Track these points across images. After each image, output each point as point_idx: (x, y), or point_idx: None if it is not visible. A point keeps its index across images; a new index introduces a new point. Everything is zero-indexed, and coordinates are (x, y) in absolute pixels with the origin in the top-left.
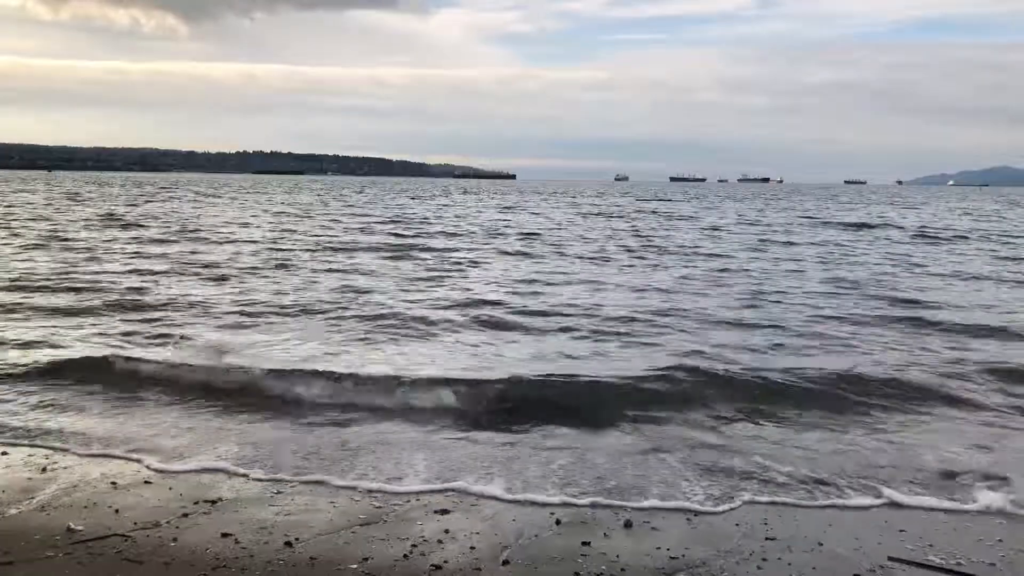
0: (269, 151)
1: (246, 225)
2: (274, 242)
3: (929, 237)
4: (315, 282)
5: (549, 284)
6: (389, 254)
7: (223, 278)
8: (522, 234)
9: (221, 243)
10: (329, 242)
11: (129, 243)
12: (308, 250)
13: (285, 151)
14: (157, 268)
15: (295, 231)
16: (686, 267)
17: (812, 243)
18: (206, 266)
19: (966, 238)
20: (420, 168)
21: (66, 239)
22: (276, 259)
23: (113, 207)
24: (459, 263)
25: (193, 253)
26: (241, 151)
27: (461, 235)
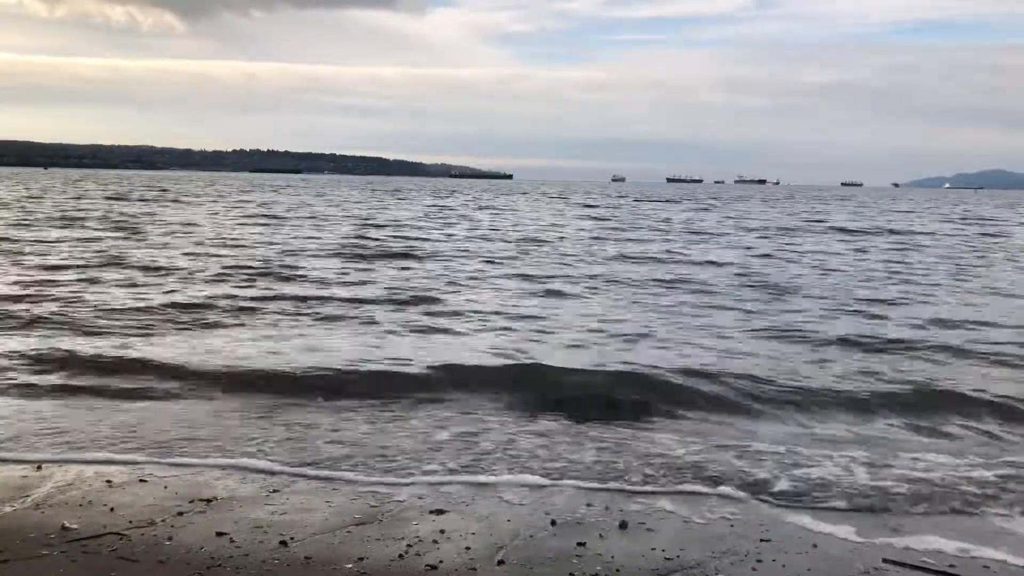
0: (266, 150)
1: None
2: None
3: None
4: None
5: None
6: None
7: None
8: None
9: None
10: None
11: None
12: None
13: (282, 150)
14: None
15: None
16: None
17: None
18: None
19: None
20: (417, 167)
21: None
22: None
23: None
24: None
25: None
26: (238, 149)
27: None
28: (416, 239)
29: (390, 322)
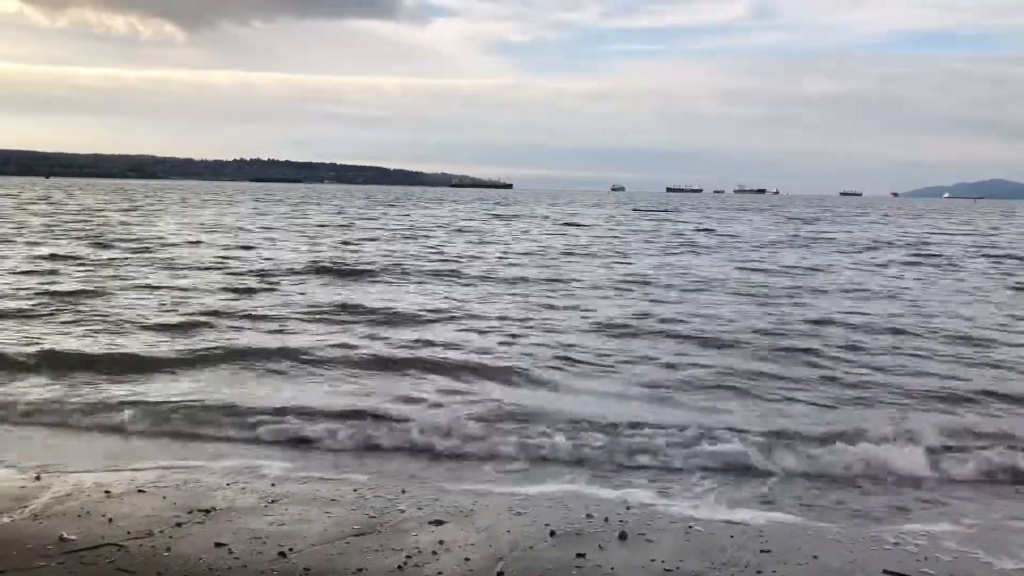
0: (267, 159)
1: None
2: None
3: None
4: None
5: None
6: None
7: None
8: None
9: None
10: None
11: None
12: None
13: (283, 159)
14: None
15: None
16: None
17: None
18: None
19: None
20: (417, 177)
21: None
22: None
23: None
24: None
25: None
26: (239, 159)
27: None
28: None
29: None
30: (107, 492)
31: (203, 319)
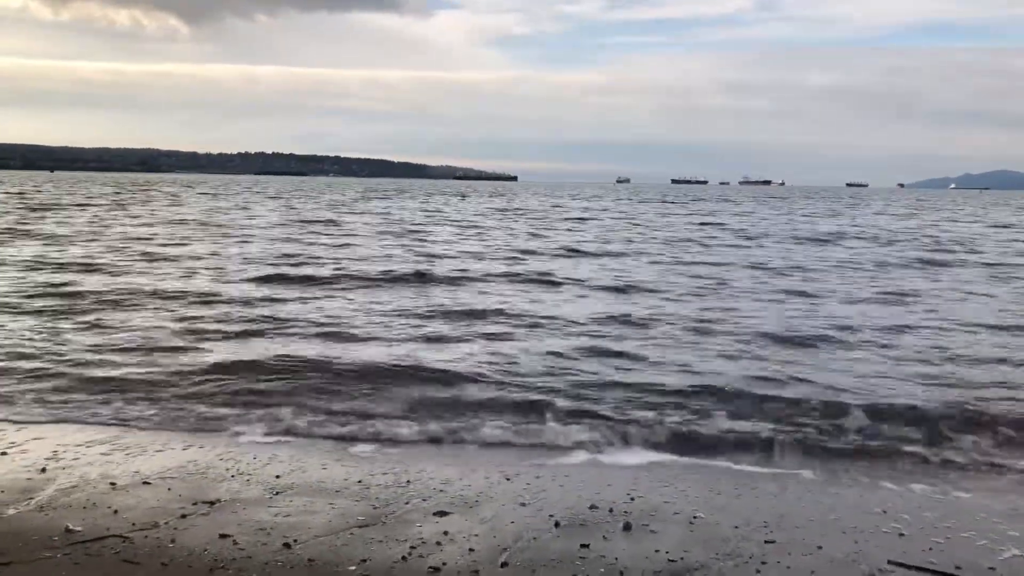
0: (271, 152)
1: None
2: None
3: None
4: None
5: None
6: None
7: None
8: None
9: None
10: None
11: None
12: None
13: (287, 152)
14: None
15: None
16: None
17: None
18: None
19: None
20: (421, 170)
21: None
22: None
23: None
24: None
25: None
26: (243, 152)
27: None
28: None
29: None
30: (112, 484)
31: None
